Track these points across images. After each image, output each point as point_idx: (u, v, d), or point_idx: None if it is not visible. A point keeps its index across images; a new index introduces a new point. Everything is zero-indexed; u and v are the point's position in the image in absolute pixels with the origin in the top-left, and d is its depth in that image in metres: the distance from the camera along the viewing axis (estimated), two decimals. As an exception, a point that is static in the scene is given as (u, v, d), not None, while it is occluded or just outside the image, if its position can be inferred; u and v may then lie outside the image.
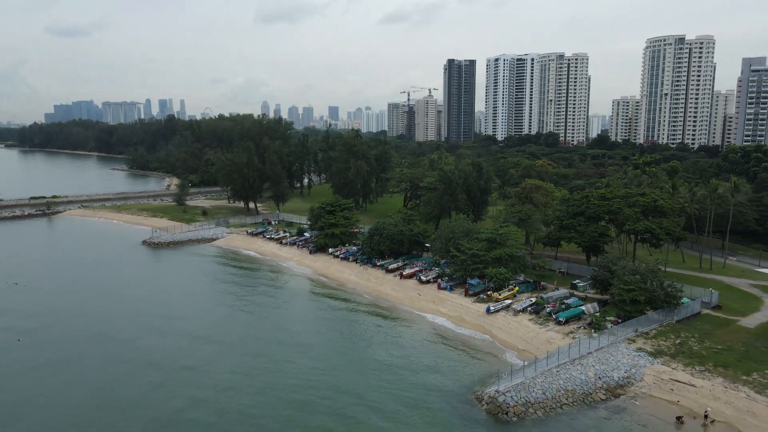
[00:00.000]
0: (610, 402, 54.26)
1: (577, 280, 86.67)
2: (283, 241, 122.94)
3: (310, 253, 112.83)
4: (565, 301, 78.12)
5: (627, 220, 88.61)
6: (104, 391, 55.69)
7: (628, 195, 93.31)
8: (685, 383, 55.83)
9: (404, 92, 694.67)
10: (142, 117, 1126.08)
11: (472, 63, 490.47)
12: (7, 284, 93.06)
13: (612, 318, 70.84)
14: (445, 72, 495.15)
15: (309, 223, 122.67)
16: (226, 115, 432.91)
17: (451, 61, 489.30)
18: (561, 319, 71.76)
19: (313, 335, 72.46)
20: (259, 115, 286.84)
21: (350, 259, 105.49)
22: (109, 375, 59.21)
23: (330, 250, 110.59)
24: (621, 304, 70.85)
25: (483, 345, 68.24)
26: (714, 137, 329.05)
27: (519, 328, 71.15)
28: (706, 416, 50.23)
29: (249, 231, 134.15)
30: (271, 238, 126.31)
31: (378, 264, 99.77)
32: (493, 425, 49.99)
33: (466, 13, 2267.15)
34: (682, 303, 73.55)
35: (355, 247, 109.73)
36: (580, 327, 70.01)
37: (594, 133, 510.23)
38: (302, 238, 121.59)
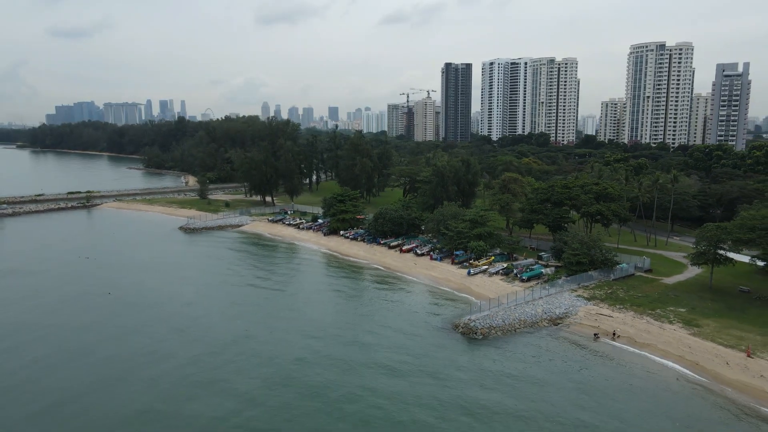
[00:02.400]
0: (551, 328, 75.58)
1: (542, 253, 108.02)
2: (300, 226, 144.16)
3: (324, 235, 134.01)
4: (530, 266, 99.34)
5: (583, 204, 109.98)
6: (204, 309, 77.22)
7: (585, 184, 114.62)
8: (606, 315, 77.17)
9: (403, 94, 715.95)
10: (143, 118, 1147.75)
11: (469, 66, 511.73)
12: (79, 258, 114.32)
13: (563, 276, 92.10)
14: (442, 75, 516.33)
15: (322, 211, 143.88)
16: (228, 115, 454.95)
17: (448, 65, 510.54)
18: (524, 278, 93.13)
19: (335, 290, 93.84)
20: (268, 118, 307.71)
21: (358, 240, 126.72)
22: (201, 303, 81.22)
23: (341, 232, 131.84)
24: (569, 266, 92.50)
25: (462, 296, 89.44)
26: (695, 137, 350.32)
27: (491, 285, 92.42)
28: (614, 333, 71.64)
29: (269, 219, 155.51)
30: (289, 224, 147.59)
31: (382, 242, 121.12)
32: (466, 341, 71.21)
33: (465, 15, 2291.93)
34: (619, 266, 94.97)
35: (362, 230, 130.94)
36: (538, 283, 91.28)
37: (590, 132, 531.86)
38: (316, 223, 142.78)
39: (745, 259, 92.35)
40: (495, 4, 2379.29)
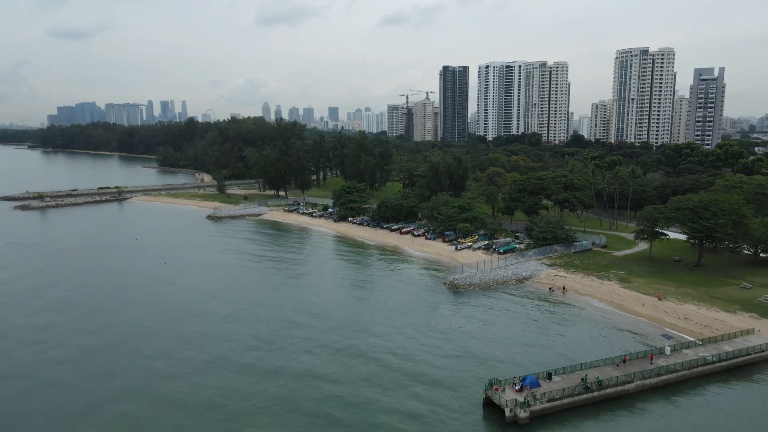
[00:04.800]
0: (517, 285, 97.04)
1: (518, 233, 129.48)
2: (313, 214, 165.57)
3: (335, 221, 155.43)
4: (507, 243, 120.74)
5: (553, 193, 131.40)
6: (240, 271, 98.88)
7: (556, 176, 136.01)
8: (561, 276, 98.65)
9: (403, 95, 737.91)
10: (145, 118, 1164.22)
11: (465, 69, 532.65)
12: (129, 239, 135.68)
13: (532, 250, 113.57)
14: (440, 77, 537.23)
15: (332, 201, 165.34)
16: (234, 116, 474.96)
17: (446, 68, 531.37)
18: (501, 252, 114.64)
19: (349, 260, 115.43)
20: (276, 119, 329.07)
21: (364, 225, 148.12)
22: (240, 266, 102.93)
23: (349, 219, 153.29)
24: (538, 241, 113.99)
25: (450, 265, 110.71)
26: (678, 136, 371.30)
27: (474, 257, 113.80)
28: (563, 287, 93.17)
29: (285, 209, 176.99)
30: (303, 213, 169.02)
31: (384, 226, 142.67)
32: (452, 292, 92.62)
33: (464, 15, 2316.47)
34: (578, 242, 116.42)
35: (367, 217, 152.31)
36: (512, 255, 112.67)
37: (587, 131, 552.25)
38: (327, 212, 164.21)
39: (684, 237, 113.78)
40: (494, 4, 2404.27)
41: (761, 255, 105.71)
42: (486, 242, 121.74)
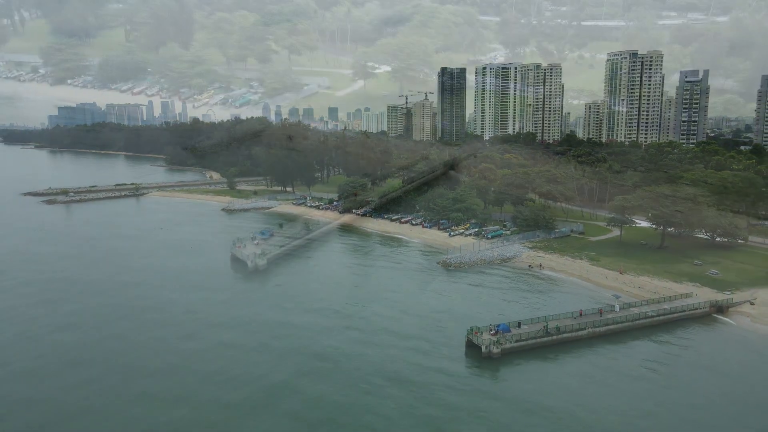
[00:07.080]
0: (501, 264, 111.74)
1: (506, 222, 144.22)
2: (320, 207, 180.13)
3: (340, 213, 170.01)
4: (494, 230, 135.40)
5: (537, 186, 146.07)
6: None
7: (540, 171, 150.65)
8: (540, 256, 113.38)
9: (402, 96, 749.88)
10: (145, 119, 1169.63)
11: (463, 70, 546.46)
12: (155, 228, 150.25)
13: (516, 235, 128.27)
14: (438, 78, 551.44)
15: (338, 195, 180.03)
16: (229, 116, 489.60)
17: (444, 69, 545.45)
18: (489, 237, 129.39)
19: (356, 245, 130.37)
20: (282, 119, 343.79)
21: (367, 216, 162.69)
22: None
23: (353, 211, 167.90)
24: (522, 227, 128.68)
25: (444, 248, 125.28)
26: (667, 136, 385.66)
27: (465, 242, 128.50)
28: (540, 265, 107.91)
29: (293, 202, 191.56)
30: (310, 206, 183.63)
31: (385, 217, 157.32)
32: (444, 270, 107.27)
33: (464, 15, 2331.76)
34: (558, 229, 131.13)
35: (370, 209, 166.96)
36: (498, 240, 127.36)
37: (580, 132, 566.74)
38: (333, 204, 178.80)
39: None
40: (494, 4, 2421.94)
41: (717, 239, 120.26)
42: (476, 229, 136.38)
